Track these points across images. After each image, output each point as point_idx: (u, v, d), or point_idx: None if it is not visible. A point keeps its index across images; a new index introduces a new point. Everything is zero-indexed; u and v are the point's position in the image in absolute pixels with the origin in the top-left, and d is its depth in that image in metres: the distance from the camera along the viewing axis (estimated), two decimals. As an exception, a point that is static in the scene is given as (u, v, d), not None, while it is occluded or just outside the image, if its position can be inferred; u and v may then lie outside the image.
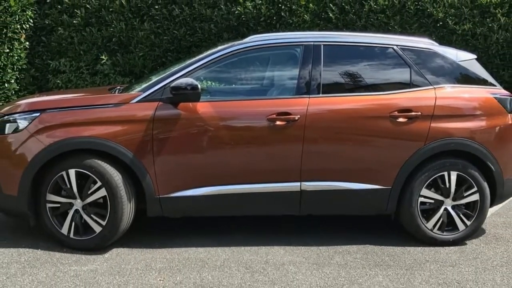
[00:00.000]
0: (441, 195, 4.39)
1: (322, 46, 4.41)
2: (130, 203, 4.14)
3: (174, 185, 4.16)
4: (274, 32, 8.03)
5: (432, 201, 4.39)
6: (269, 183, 4.23)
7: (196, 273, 3.79)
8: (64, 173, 4.07)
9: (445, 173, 4.35)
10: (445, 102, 4.38)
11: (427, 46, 4.61)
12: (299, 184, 4.24)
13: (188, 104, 4.15)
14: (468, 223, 4.42)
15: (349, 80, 4.48)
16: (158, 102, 4.15)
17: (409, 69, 4.45)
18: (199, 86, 4.09)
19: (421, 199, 4.36)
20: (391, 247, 4.35)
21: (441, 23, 8.28)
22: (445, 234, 4.42)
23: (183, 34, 8.71)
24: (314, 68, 4.34)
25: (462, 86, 4.53)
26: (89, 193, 4.09)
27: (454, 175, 4.35)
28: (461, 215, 4.41)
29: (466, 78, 4.59)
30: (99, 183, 4.05)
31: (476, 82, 4.61)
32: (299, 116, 4.19)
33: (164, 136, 4.12)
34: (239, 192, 4.20)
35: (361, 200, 4.35)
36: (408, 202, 4.35)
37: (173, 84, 4.10)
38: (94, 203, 4.11)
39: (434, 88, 4.41)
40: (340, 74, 4.45)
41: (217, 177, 4.19)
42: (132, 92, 4.31)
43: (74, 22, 8.85)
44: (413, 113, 4.30)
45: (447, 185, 4.36)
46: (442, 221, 4.40)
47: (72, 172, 4.06)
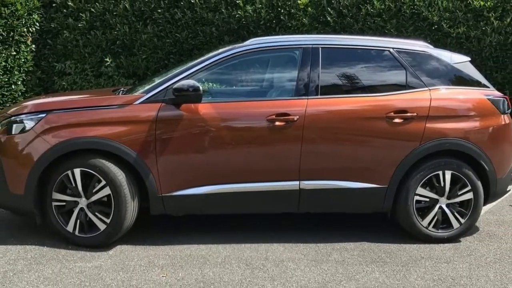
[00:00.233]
0: (436, 194, 4.39)
1: (320, 49, 4.41)
2: (134, 202, 4.14)
3: (177, 184, 4.16)
4: (274, 35, 8.03)
5: (427, 200, 4.39)
6: (269, 182, 4.23)
7: (198, 270, 3.79)
8: (70, 172, 4.07)
9: (440, 172, 4.35)
10: (440, 103, 4.38)
11: (422, 49, 4.61)
12: (298, 183, 4.24)
13: (190, 105, 4.15)
14: (462, 221, 4.42)
15: (347, 82, 4.48)
16: (161, 103, 4.15)
17: (405, 71, 4.45)
18: (201, 88, 4.09)
19: (417, 198, 4.36)
20: (387, 244, 4.35)
21: (436, 27, 8.28)
22: (440, 232, 4.42)
23: (185, 37, 8.70)
24: (313, 70, 4.33)
25: (457, 88, 4.53)
26: (94, 192, 4.09)
27: (449, 174, 4.35)
28: (456, 213, 4.41)
29: (460, 80, 4.59)
30: (104, 182, 4.05)
31: (470, 84, 4.61)
32: (298, 117, 4.19)
33: (167, 136, 4.12)
34: (240, 191, 4.20)
35: (358, 199, 4.35)
36: (404, 201, 4.35)
37: (176, 86, 4.10)
38: (99, 202, 4.11)
39: (429, 90, 4.41)
40: (338, 76, 4.45)
41: (218, 176, 4.19)
42: (136, 94, 4.31)
43: (79, 26, 8.86)
44: (409, 114, 4.29)
45: (442, 184, 4.36)
46: (437, 219, 4.40)
47: (77, 171, 4.06)
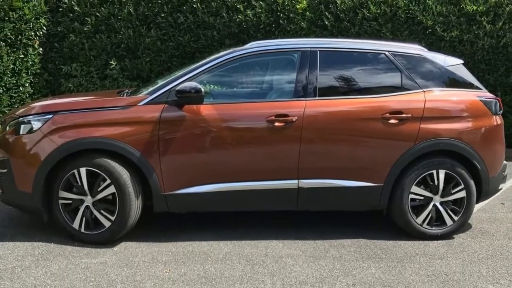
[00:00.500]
0: (430, 192, 4.38)
1: (318, 52, 4.41)
2: (138, 200, 4.13)
3: (179, 183, 4.16)
4: (273, 39, 8.04)
5: (422, 198, 4.39)
6: (268, 181, 4.23)
7: (200, 266, 3.78)
8: (76, 171, 4.07)
9: (434, 171, 4.34)
10: (434, 105, 4.37)
11: (417, 52, 4.61)
12: (297, 182, 4.24)
13: (192, 107, 4.14)
14: (456, 219, 4.42)
15: (344, 84, 4.48)
16: (164, 105, 4.14)
17: (400, 74, 4.45)
18: (203, 90, 4.09)
19: (411, 196, 4.36)
20: (383, 241, 4.35)
21: (430, 30, 8.29)
22: (434, 229, 4.41)
23: (188, 41, 8.70)
24: (311, 73, 4.33)
25: (450, 90, 4.52)
26: (99, 190, 4.08)
27: (443, 173, 4.35)
28: (449, 211, 4.41)
29: (454, 82, 4.59)
30: (108, 181, 4.04)
31: (463, 86, 4.60)
32: (297, 118, 4.19)
33: (170, 137, 4.11)
34: (240, 189, 4.20)
35: (355, 197, 4.35)
36: (399, 199, 4.34)
37: (178, 88, 4.10)
38: (104, 200, 4.10)
39: (424, 91, 4.41)
40: (335, 78, 4.45)
41: (220, 175, 4.19)
42: (140, 95, 4.31)
43: (85, 29, 8.85)
44: (404, 115, 4.29)
45: (436, 183, 4.36)
46: (431, 217, 4.39)
47: (83, 171, 4.06)
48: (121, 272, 3.63)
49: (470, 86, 4.63)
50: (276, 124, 4.18)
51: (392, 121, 4.28)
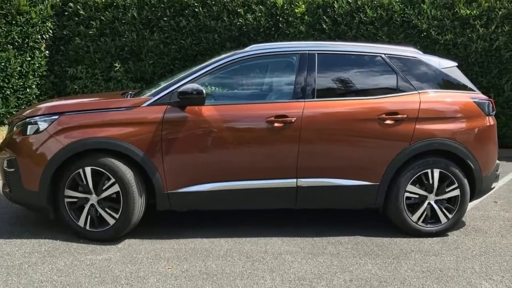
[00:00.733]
0: (425, 191, 4.38)
1: (317, 55, 4.40)
2: (141, 198, 4.13)
3: (181, 182, 4.15)
4: (273, 42, 8.04)
5: (417, 196, 4.39)
6: (268, 180, 4.23)
7: (202, 262, 3.78)
8: (81, 171, 4.06)
9: (429, 171, 4.34)
10: (429, 106, 4.37)
11: (412, 55, 4.60)
12: (295, 181, 4.23)
13: (194, 108, 4.14)
14: (450, 216, 4.42)
15: (341, 86, 4.48)
16: (167, 106, 4.14)
17: (396, 76, 4.45)
18: (204, 91, 4.09)
19: (407, 194, 4.36)
20: (379, 238, 4.35)
21: (425, 34, 8.29)
22: (429, 226, 4.41)
23: (190, 44, 8.71)
24: (309, 75, 4.33)
25: (444, 91, 4.52)
26: (104, 189, 4.08)
27: (437, 172, 4.35)
28: (443, 209, 4.41)
29: (448, 84, 4.58)
30: (113, 180, 4.04)
31: (457, 88, 4.60)
32: (295, 119, 4.18)
33: (172, 137, 4.11)
34: (241, 188, 4.20)
35: (352, 195, 4.35)
36: (395, 197, 4.34)
37: (180, 89, 4.10)
38: (108, 198, 4.10)
39: (419, 93, 4.41)
40: (333, 80, 4.45)
41: (221, 174, 4.18)
42: (143, 97, 4.30)
43: (90, 33, 8.86)
44: (400, 116, 4.29)
45: (431, 182, 4.36)
46: (426, 214, 4.39)
47: (88, 170, 4.06)
48: (125, 268, 3.63)
49: (464, 88, 4.63)
50: (276, 125, 4.17)
51: (388, 122, 4.28)
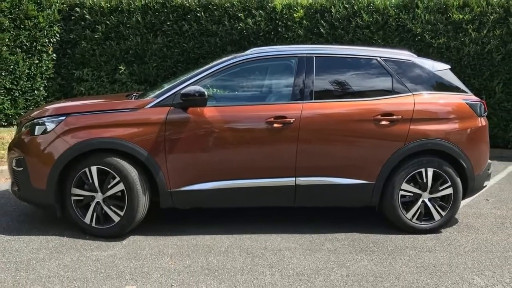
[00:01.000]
0: (419, 189, 4.38)
1: (314, 58, 4.41)
2: (145, 196, 4.14)
3: (184, 180, 4.16)
4: (272, 46, 8.05)
5: (411, 194, 4.39)
6: (267, 179, 4.23)
7: (203, 258, 3.79)
8: (87, 170, 4.07)
9: (423, 170, 4.35)
10: (423, 107, 4.37)
11: (407, 58, 4.61)
12: (294, 179, 4.24)
13: (196, 109, 4.15)
14: (443, 214, 4.42)
15: (338, 88, 4.48)
16: (170, 107, 4.15)
17: (391, 78, 4.45)
18: (206, 93, 4.09)
19: (402, 193, 4.36)
20: (375, 235, 4.35)
21: (419, 37, 8.30)
22: (423, 223, 4.41)
23: (192, 47, 8.72)
24: (307, 77, 4.33)
25: (438, 93, 4.53)
26: (109, 187, 4.09)
27: (431, 171, 4.35)
28: (437, 207, 4.41)
29: (441, 86, 4.59)
30: (118, 179, 4.05)
31: (450, 89, 4.61)
32: (294, 119, 4.19)
33: (175, 137, 4.11)
34: (241, 186, 4.20)
35: (349, 194, 4.34)
36: (390, 195, 4.35)
37: (183, 91, 4.10)
38: (113, 196, 4.10)
39: (413, 95, 4.41)
40: (330, 82, 4.45)
41: (222, 173, 4.19)
42: (147, 98, 4.31)
43: (96, 37, 8.87)
44: (394, 117, 4.29)
45: (425, 180, 4.36)
46: (420, 212, 4.39)
47: (94, 169, 4.06)
48: (130, 264, 3.63)
49: (457, 90, 4.63)
50: (275, 125, 4.18)
51: (384, 123, 4.29)
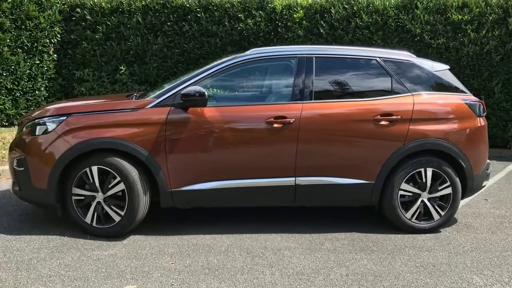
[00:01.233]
0: (419, 189, 4.38)
1: (314, 58, 4.40)
2: (146, 196, 4.13)
3: (184, 180, 4.15)
4: (272, 46, 8.04)
5: (411, 194, 4.39)
6: (267, 178, 4.22)
7: (204, 257, 3.78)
8: (88, 170, 4.06)
9: (422, 170, 4.34)
10: (422, 107, 4.37)
11: (406, 58, 4.60)
12: (294, 179, 4.23)
13: (197, 109, 4.14)
14: (442, 213, 4.42)
15: (338, 88, 4.47)
16: (170, 107, 4.14)
17: (390, 78, 4.44)
18: (206, 93, 4.09)
19: (401, 192, 4.35)
20: (375, 235, 4.35)
21: (418, 38, 8.29)
22: (422, 223, 4.41)
23: (192, 48, 8.71)
24: (307, 77, 4.33)
25: (437, 93, 4.52)
26: (110, 187, 4.08)
27: (430, 171, 4.34)
28: (436, 207, 4.41)
29: (440, 86, 4.58)
30: (118, 178, 4.04)
31: (449, 90, 4.60)
32: (294, 120, 4.18)
33: (175, 137, 4.11)
34: (241, 186, 4.20)
35: (348, 193, 4.34)
36: (390, 195, 4.34)
37: (183, 92, 4.10)
38: (114, 196, 4.10)
39: (412, 95, 4.41)
40: (330, 83, 4.45)
41: (222, 173, 4.18)
42: (147, 99, 4.30)
43: (97, 37, 8.86)
44: (394, 117, 4.29)
45: (424, 180, 4.36)
46: (419, 212, 4.39)
47: (95, 169, 4.06)
48: (130, 264, 3.63)
49: (456, 90, 4.63)
50: (275, 126, 4.17)
51: (383, 123, 4.28)
